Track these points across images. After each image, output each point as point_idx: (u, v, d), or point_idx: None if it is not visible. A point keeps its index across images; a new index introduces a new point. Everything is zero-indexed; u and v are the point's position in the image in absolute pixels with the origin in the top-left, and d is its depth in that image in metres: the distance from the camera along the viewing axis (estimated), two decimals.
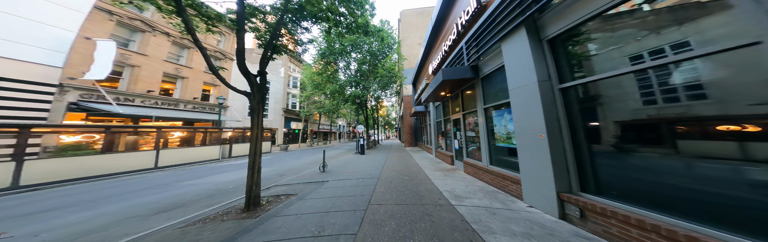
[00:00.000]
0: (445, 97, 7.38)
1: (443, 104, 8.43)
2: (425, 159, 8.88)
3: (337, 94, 14.41)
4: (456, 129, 6.59)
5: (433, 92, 6.57)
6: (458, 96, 6.27)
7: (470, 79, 4.96)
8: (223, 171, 7.87)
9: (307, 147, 21.44)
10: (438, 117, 9.46)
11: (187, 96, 13.25)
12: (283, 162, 10.10)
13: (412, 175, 5.60)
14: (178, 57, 13.35)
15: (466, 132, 5.71)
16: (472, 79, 4.92)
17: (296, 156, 12.91)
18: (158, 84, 11.87)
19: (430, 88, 6.70)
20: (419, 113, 13.34)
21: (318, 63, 13.85)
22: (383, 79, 13.28)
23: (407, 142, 16.92)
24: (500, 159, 4.06)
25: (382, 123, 42.47)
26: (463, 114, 5.80)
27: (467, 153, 5.61)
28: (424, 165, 7.42)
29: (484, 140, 4.52)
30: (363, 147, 11.71)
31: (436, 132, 9.77)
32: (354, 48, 13.39)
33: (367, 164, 7.97)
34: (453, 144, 6.81)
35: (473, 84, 5.06)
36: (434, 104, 9.95)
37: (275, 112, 22.14)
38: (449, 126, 7.44)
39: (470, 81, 5.11)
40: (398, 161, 8.63)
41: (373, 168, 6.90)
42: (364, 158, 10.04)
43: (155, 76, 11.75)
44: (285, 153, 14.60)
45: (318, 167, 6.75)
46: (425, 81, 11.25)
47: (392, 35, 14.34)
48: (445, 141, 8.19)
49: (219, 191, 5.03)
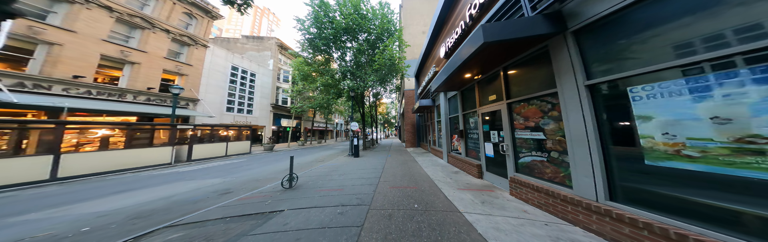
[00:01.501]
0: (468, 80, 5.14)
1: (463, 94, 6.20)
2: (435, 167, 6.67)
3: (329, 87, 12.15)
4: (488, 127, 4.38)
5: (451, 75, 4.35)
6: (497, 76, 4.04)
7: (539, 39, 2.72)
8: (149, 184, 5.33)
9: (298, 146, 19.26)
10: (452, 111, 7.24)
11: (138, 85, 10.79)
12: (250, 168, 7.76)
13: (425, 199, 3.39)
14: (126, 38, 10.81)
15: (514, 132, 3.50)
16: (546, 38, 2.68)
17: (276, 158, 10.64)
18: (92, 68, 9.45)
19: (447, 69, 4.50)
20: (424, 108, 11.11)
21: (306, 50, 11.54)
22: (382, 69, 11.02)
23: (409, 142, 14.73)
24: (653, 200, 1.84)
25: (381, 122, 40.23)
26: (508, 103, 3.58)
27: (518, 166, 3.40)
28: (436, 176, 5.22)
29: (584, 149, 2.26)
30: (357, 149, 9.50)
31: (448, 131, 7.55)
32: (347, 32, 11.06)
33: (358, 174, 5.75)
34: (482, 148, 4.61)
35: (543, 48, 2.83)
36: (446, 95, 7.72)
37: (262, 108, 19.73)
38: (474, 122, 5.22)
39: (538, 42, 2.86)
40: (400, 169, 6.42)
41: (364, 182, 4.68)
42: (357, 163, 7.83)
43: (88, 58, 9.30)
44: (266, 155, 12.21)
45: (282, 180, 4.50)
46: (433, 69, 9.04)
47: (392, 20, 12.06)
48: (463, 144, 5.99)
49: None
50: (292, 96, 20.69)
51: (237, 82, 17.73)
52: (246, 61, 18.75)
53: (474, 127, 5.28)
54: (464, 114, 5.98)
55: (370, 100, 21.03)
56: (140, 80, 10.92)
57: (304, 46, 11.40)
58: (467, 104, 5.81)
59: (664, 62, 1.66)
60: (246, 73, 18.69)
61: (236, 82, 17.70)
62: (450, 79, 4.95)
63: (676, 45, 1.63)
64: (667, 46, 1.68)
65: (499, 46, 2.83)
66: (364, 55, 12.02)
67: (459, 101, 6.29)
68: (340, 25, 10.57)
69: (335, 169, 6.55)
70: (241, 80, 18.12)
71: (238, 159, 10.42)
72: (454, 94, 6.93)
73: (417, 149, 13.15)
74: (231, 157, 11.18)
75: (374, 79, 11.02)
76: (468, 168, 5.36)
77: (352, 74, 11.83)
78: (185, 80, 13.10)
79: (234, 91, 17.41)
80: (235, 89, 17.55)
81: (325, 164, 7.83)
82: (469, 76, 4.65)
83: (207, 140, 10.81)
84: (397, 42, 11.28)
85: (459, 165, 6.11)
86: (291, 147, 17.93)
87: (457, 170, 5.99)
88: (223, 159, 10.46)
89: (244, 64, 18.55)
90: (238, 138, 12.38)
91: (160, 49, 11.61)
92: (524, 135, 3.22)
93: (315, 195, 3.75)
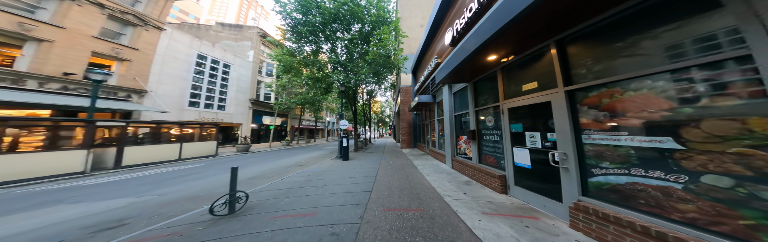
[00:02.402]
0: (488, 67, 3.89)
1: (475, 86, 4.98)
2: (439, 174, 5.42)
3: (316, 81, 10.72)
4: (520, 127, 3.14)
5: (466, 60, 3.19)
6: (543, 55, 2.79)
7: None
8: (11, 209, 3.48)
9: (282, 147, 17.14)
10: (459, 108, 6.01)
11: (48, 70, 8.41)
12: (199, 177, 5.90)
13: (438, 234, 2.14)
14: (32, 8, 8.43)
15: (582, 134, 2.23)
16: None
17: (248, 162, 8.81)
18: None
19: (460, 54, 3.29)
20: (423, 105, 9.89)
21: (289, 39, 10.04)
22: (377, 60, 9.69)
23: (404, 143, 13.50)
24: None
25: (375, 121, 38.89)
26: (569, 91, 2.31)
27: (588, 188, 2.15)
28: (444, 189, 3.97)
29: None
30: (347, 151, 8.17)
31: (453, 131, 6.33)
32: (337, 21, 9.64)
33: (343, 185, 4.43)
34: (508, 155, 3.37)
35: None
36: (451, 89, 6.49)
37: (239, 104, 17.45)
38: (494, 121, 3.98)
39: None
40: (397, 177, 5.14)
41: (348, 200, 3.38)
42: (345, 168, 6.51)
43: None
44: (235, 158, 10.15)
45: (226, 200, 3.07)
46: (434, 60, 7.82)
47: (389, 9, 10.74)
48: (475, 147, 4.76)
49: None
50: (276, 91, 18.54)
51: (205, 72, 15.23)
52: (218, 50, 16.32)
53: (493, 127, 4.05)
54: (478, 110, 4.75)
55: (363, 98, 19.67)
56: (52, 63, 8.51)
57: (286, 35, 9.92)
58: (483, 98, 4.57)
59: None
60: (217, 63, 16.20)
61: (204, 73, 15.20)
62: (461, 67, 3.73)
63: None
64: None
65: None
66: (357, 47, 10.67)
67: (470, 95, 5.05)
68: (329, 10, 9.18)
69: (315, 177, 5.21)
70: (210, 71, 15.67)
71: (193, 164, 8.28)
72: (462, 87, 5.71)
73: (413, 150, 11.92)
74: (186, 162, 8.97)
75: (367, 72, 9.69)
76: (484, 178, 4.13)
77: (343, 67, 10.48)
78: (126, 67, 10.75)
79: (200, 83, 14.94)
80: (203, 81, 15.10)
81: (305, 169, 6.46)
82: (493, 59, 3.40)
83: (150, 141, 8.59)
84: (393, 33, 9.96)
85: (469, 173, 4.88)
86: (272, 148, 15.70)
87: (467, 179, 4.76)
88: (173, 165, 8.21)
89: (216, 53, 16.11)
90: (200, 137, 10.39)
91: (89, 26, 9.37)
92: (609, 140, 1.97)
93: (265, 229, 2.42)
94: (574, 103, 2.26)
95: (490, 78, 4.28)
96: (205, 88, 15.40)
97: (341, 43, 10.23)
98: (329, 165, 7.24)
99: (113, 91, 10.35)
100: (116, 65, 10.69)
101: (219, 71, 16.44)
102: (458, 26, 5.31)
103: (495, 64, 3.73)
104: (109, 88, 10.16)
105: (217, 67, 16.32)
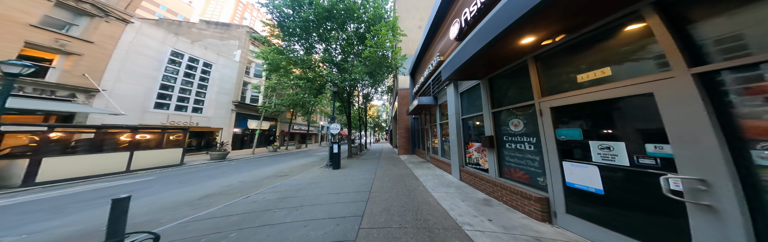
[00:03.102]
0: (515, 56, 2.96)
1: (491, 83, 4.07)
2: (448, 188, 4.39)
3: (306, 81, 9.70)
4: (576, 133, 2.17)
5: (491, 43, 2.26)
6: (616, 28, 1.88)
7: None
8: None
9: (268, 153, 15.62)
10: (468, 110, 5.07)
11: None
12: (135, 198, 4.82)
13: None
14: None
15: (744, 146, 1.23)
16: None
17: (215, 173, 7.31)
18: None
19: (481, 38, 2.39)
20: (423, 108, 8.95)
21: (277, 36, 9.08)
22: (373, 58, 8.79)
23: (402, 149, 12.47)
24: None
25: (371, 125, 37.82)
26: (702, 75, 1.35)
27: None
28: (460, 214, 2.92)
29: None
30: (338, 158, 7.10)
31: (461, 137, 5.37)
32: (331, 19, 8.77)
33: (327, 205, 3.35)
34: (550, 170, 2.36)
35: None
36: (457, 89, 5.59)
37: (219, 106, 15.71)
38: (524, 125, 3.02)
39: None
40: (396, 193, 4.08)
41: (326, 235, 2.31)
42: (333, 180, 5.43)
43: None
44: (204, 168, 8.51)
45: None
46: (436, 59, 6.97)
47: (385, 7, 9.98)
48: (493, 158, 3.78)
49: None
50: (264, 93, 17.05)
51: (179, 72, 13.58)
52: (198, 48, 14.82)
53: (522, 132, 3.11)
54: (496, 112, 3.82)
55: (359, 101, 18.71)
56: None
57: (274, 32, 8.95)
58: (506, 96, 3.64)
59: None
60: (196, 62, 14.65)
61: (178, 72, 13.54)
62: (474, 60, 2.85)
63: None
64: None
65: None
66: (353, 48, 9.80)
67: (485, 94, 4.13)
68: (323, 6, 8.31)
69: (292, 194, 4.11)
70: (186, 70, 14.02)
71: (142, 178, 6.59)
72: (472, 85, 4.80)
73: (412, 157, 10.89)
74: (136, 174, 7.27)
75: (362, 72, 8.76)
76: (509, 197, 3.13)
77: (337, 66, 9.55)
78: (74, 61, 9.14)
79: (171, 82, 13.20)
80: (175, 80, 13.39)
81: (284, 182, 5.31)
82: (528, 43, 2.47)
83: (85, 149, 6.80)
84: (391, 32, 9.11)
85: (485, 189, 3.88)
86: (256, 155, 14.07)
87: (484, 197, 3.75)
88: (115, 178, 6.53)
89: (196, 51, 14.58)
90: (163, 144, 8.74)
91: (24, 12, 7.99)
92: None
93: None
94: (718, 93, 1.32)
95: (515, 71, 3.37)
96: (178, 89, 13.60)
97: (335, 42, 9.32)
98: (316, 175, 6.13)
99: (50, 90, 8.58)
100: (59, 59, 9.05)
101: (197, 70, 14.77)
102: (468, 15, 4.48)
103: (525, 52, 2.82)
104: (44, 85, 8.47)
105: (196, 66, 14.71)
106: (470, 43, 2.92)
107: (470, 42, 2.92)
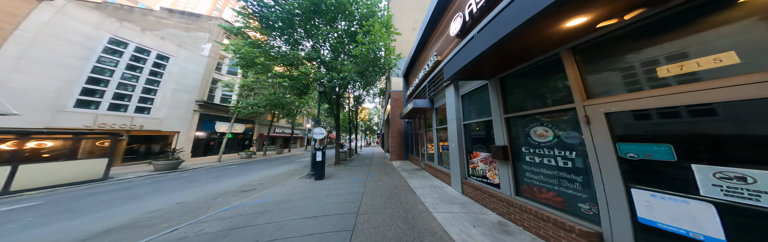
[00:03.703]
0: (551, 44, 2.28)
1: (502, 83, 3.41)
2: (451, 207, 3.62)
3: (288, 79, 8.75)
4: (663, 152, 1.48)
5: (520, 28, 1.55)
6: None
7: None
8: None
9: (241, 159, 13.89)
10: (472, 115, 4.40)
11: None
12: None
13: None
14: None
15: None
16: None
17: (147, 191, 5.67)
18: None
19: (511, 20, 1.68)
20: (418, 111, 8.27)
21: (254, 27, 8.06)
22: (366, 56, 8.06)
23: (394, 154, 11.69)
24: None
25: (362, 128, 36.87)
26: None
27: None
28: None
29: None
30: (322, 167, 6.22)
31: (463, 145, 4.68)
32: (319, 14, 7.99)
33: (295, 239, 2.52)
34: (616, 199, 1.63)
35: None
36: (458, 91, 4.94)
37: (177, 106, 13.41)
38: (558, 132, 2.34)
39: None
40: (390, 216, 3.25)
41: None
42: (310, 198, 4.54)
43: None
44: (140, 183, 6.72)
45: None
46: (434, 58, 6.36)
47: (378, 5, 9.37)
48: (507, 171, 3.08)
49: None
50: (239, 93, 15.11)
51: (119, 63, 11.32)
52: (151, 38, 12.76)
53: (552, 144, 2.43)
54: (511, 118, 3.15)
55: (350, 104, 17.87)
56: None
57: (252, 24, 7.96)
58: (525, 99, 2.98)
59: None
60: (146, 53, 12.49)
61: (117, 63, 11.27)
62: (487, 56, 2.19)
63: None
64: None
65: None
66: (344, 47, 9.06)
67: (495, 96, 3.47)
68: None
69: (250, 221, 3.19)
70: (131, 61, 11.81)
71: (21, 203, 4.63)
72: (478, 86, 4.16)
73: (405, 163, 10.13)
74: (23, 195, 5.33)
75: (353, 71, 8.00)
76: (536, 224, 2.42)
77: (324, 64, 8.76)
78: None
79: (106, 75, 10.89)
80: (112, 74, 11.09)
81: (244, 201, 4.28)
82: (575, 26, 1.81)
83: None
84: (384, 28, 8.45)
85: (497, 209, 3.17)
86: (223, 162, 12.07)
87: (497, 219, 3.03)
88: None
89: (147, 40, 12.47)
90: (70, 154, 6.60)
91: None
92: None
93: None
94: None
95: (538, 68, 2.72)
96: (116, 83, 11.16)
97: (324, 39, 8.50)
98: (291, 189, 5.19)
99: None
100: None
101: (147, 63, 12.48)
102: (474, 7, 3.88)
103: (559, 41, 2.16)
104: None
105: (145, 58, 12.43)
106: (482, 36, 2.26)
107: (483, 34, 2.26)
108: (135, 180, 7.34)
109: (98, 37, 10.72)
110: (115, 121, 10.94)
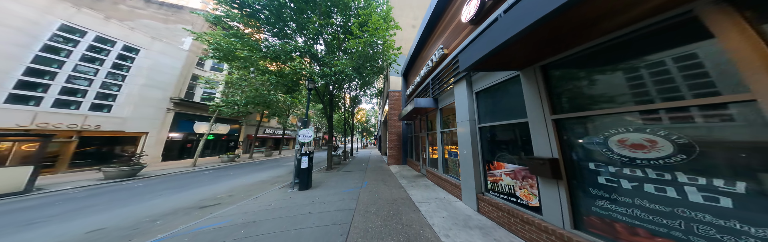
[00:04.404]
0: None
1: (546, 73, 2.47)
2: (470, 232, 2.63)
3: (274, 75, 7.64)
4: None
5: None
6: None
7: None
8: None
9: (221, 163, 12.12)
10: (491, 116, 3.45)
11: None
12: None
13: None
14: None
15: None
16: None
17: (61, 211, 4.12)
18: None
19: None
20: (419, 112, 7.33)
21: (234, 16, 6.92)
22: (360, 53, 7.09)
23: (392, 158, 10.71)
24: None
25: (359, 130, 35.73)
26: None
27: None
28: None
29: None
30: (308, 175, 5.19)
31: (477, 152, 3.74)
32: (309, 2, 6.98)
33: None
34: None
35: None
36: (471, 87, 4.01)
37: (147, 104, 11.91)
38: (701, 144, 1.41)
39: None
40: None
41: None
42: (284, 218, 3.49)
43: None
44: (73, 196, 5.32)
45: None
46: (440, 51, 5.46)
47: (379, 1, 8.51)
48: (562, 194, 2.15)
49: None
50: (223, 91, 13.88)
51: (74, 54, 9.90)
52: (117, 27, 11.30)
53: (670, 164, 1.47)
54: (563, 119, 2.23)
55: (346, 104, 16.85)
56: None
57: (232, 13, 6.82)
58: (596, 92, 2.04)
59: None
60: (110, 44, 11.02)
61: (72, 53, 9.84)
62: (529, 34, 1.27)
63: None
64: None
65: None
66: (341, 43, 8.13)
67: (535, 92, 2.56)
68: None
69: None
70: (89, 52, 10.32)
71: None
72: (501, 80, 3.25)
73: (404, 168, 9.15)
74: None
75: (347, 65, 7.03)
76: None
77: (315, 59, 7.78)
78: None
79: (53, 67, 9.32)
80: (62, 65, 9.54)
81: (193, 225, 3.17)
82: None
83: None
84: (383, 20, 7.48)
85: (532, 238, 2.21)
86: (198, 167, 10.52)
87: None
88: None
89: (111, 29, 11.02)
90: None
91: None
92: None
93: None
94: None
95: (645, 39, 1.79)
96: (67, 76, 9.64)
97: (315, 32, 7.45)
98: (266, 204, 4.14)
99: None
100: None
101: (110, 55, 10.96)
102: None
103: None
104: None
105: (108, 49, 10.93)
106: (517, 10, 1.34)
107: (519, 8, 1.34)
108: (69, 192, 5.81)
109: (46, 23, 9.18)
110: (61, 119, 9.22)
